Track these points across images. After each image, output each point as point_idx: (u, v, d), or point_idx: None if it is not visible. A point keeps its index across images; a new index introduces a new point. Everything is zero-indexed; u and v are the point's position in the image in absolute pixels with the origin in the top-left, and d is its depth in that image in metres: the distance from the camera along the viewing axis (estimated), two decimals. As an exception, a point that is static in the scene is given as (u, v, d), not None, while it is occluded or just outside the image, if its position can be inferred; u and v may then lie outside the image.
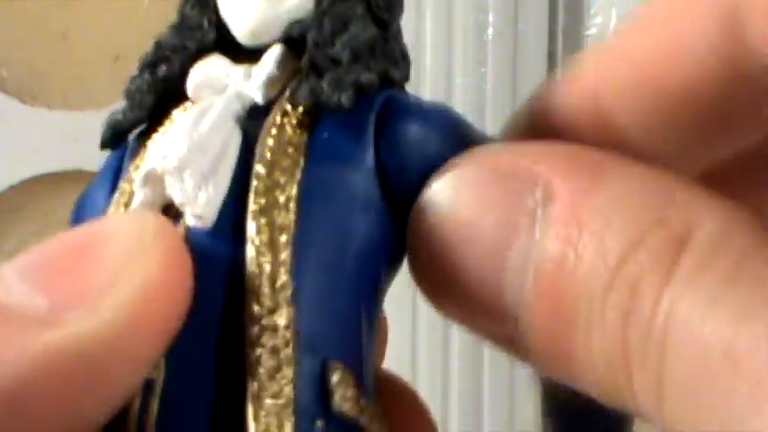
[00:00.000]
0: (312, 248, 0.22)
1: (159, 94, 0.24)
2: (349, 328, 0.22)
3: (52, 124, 0.58)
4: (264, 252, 0.22)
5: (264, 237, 0.22)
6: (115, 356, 0.19)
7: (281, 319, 0.21)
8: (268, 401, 0.21)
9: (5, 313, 0.19)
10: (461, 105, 0.57)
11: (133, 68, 0.26)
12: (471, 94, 0.57)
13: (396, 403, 0.26)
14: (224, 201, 0.22)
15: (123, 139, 0.24)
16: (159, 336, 0.20)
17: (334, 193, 0.23)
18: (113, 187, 0.24)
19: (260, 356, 0.21)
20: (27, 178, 0.59)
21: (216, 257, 0.22)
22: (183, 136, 0.22)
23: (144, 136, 0.24)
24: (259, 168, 0.22)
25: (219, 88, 0.24)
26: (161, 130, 0.24)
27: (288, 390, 0.21)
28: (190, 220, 0.21)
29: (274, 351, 0.21)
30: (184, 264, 0.21)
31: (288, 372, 0.21)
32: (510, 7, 0.57)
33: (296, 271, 0.22)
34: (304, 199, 0.22)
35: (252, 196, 0.22)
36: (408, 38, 0.25)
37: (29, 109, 0.59)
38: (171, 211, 0.22)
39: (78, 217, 0.25)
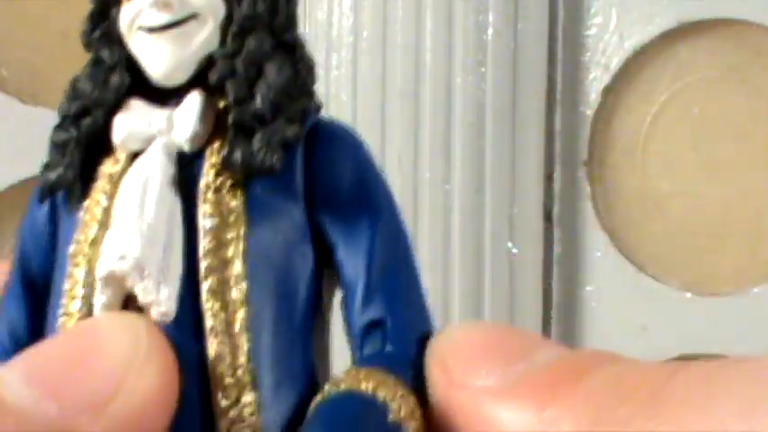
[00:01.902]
0: (265, 325, 0.24)
1: (85, 148, 0.26)
2: (308, 392, 0.24)
3: (52, 124, 0.58)
4: (225, 343, 0.23)
5: (222, 327, 0.23)
6: None
7: (247, 408, 0.23)
8: None
9: (19, 415, 0.21)
10: (461, 105, 0.57)
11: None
12: (471, 94, 0.57)
13: None
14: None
15: (56, 192, 0.26)
16: None
17: (278, 251, 0.24)
18: (53, 228, 0.26)
19: None
20: (27, 178, 0.59)
21: (184, 352, 0.23)
22: (133, 231, 0.23)
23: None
24: (205, 246, 0.24)
25: (144, 137, 0.25)
26: (96, 190, 0.25)
27: None
28: (155, 316, 0.23)
29: None
30: (175, 374, 0.23)
31: None
32: (510, 7, 0.57)
33: (253, 352, 0.23)
34: (251, 268, 0.24)
35: (203, 281, 0.23)
36: (408, 38, 0.25)
37: (29, 109, 0.59)
38: (132, 307, 0.24)
39: (24, 253, 0.27)
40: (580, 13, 0.59)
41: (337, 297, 0.26)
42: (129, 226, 0.23)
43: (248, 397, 0.23)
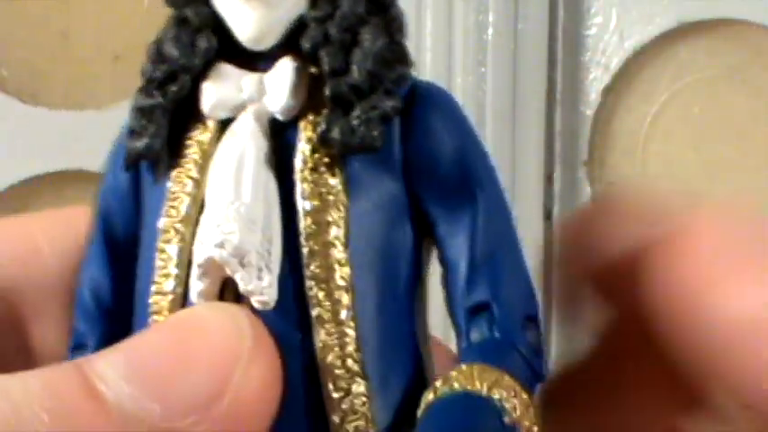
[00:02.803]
0: (370, 310, 0.23)
1: (172, 115, 0.24)
2: (414, 377, 0.23)
3: (52, 124, 0.58)
4: (332, 332, 0.22)
5: (328, 316, 0.22)
6: None
7: (359, 399, 0.22)
8: None
9: (120, 417, 0.20)
10: (461, 105, 0.57)
11: (134, 68, 0.26)
12: (471, 94, 0.57)
13: None
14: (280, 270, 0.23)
15: (142, 161, 0.25)
16: (260, 431, 0.21)
17: (379, 230, 0.23)
18: (137, 194, 0.25)
19: None
20: (27, 178, 0.59)
21: (288, 341, 0.22)
22: (231, 215, 0.22)
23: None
24: (305, 229, 0.23)
25: (234, 105, 0.24)
26: (186, 158, 0.24)
27: None
28: (256, 305, 0.22)
29: (357, 431, 0.22)
30: (279, 370, 0.22)
31: None
32: (510, 7, 0.57)
33: (362, 343, 0.22)
34: (354, 251, 0.23)
35: (305, 268, 0.23)
36: (408, 38, 0.25)
37: (29, 109, 0.59)
38: (229, 291, 0.23)
39: (107, 215, 0.26)
40: (580, 13, 0.59)
41: (435, 271, 0.25)
42: (227, 208, 0.22)
43: (359, 387, 0.22)
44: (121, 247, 0.26)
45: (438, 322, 0.25)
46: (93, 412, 0.20)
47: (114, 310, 0.25)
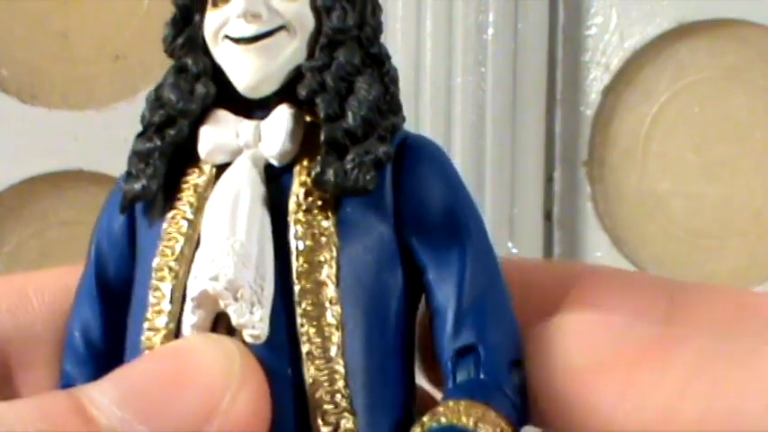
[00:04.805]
0: (360, 348, 0.23)
1: (169, 159, 0.25)
2: (401, 415, 0.24)
3: (52, 124, 0.58)
4: (321, 368, 0.23)
5: (318, 352, 0.23)
6: None
7: None
8: None
9: None
10: (461, 105, 0.57)
11: (134, 68, 0.26)
12: (471, 94, 0.57)
13: None
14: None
15: (138, 203, 0.25)
16: None
17: (369, 272, 0.24)
18: (131, 235, 0.26)
19: None
20: (27, 178, 0.59)
21: (278, 375, 0.23)
22: (225, 250, 0.23)
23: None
24: (298, 268, 0.23)
25: (230, 149, 0.25)
26: (182, 198, 0.24)
27: None
28: (248, 338, 0.23)
29: None
30: (267, 399, 0.22)
31: None
32: (510, 7, 0.57)
33: (351, 379, 0.23)
34: (344, 291, 0.23)
35: (297, 305, 0.23)
36: (408, 38, 0.25)
37: (29, 109, 0.59)
38: (222, 326, 0.23)
39: (100, 257, 0.26)
40: (580, 13, 0.59)
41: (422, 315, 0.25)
42: (221, 244, 0.23)
43: (348, 422, 0.23)
44: (113, 290, 0.26)
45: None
46: None
47: (104, 352, 0.26)
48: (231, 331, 0.23)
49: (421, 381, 0.26)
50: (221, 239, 0.23)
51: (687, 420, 0.20)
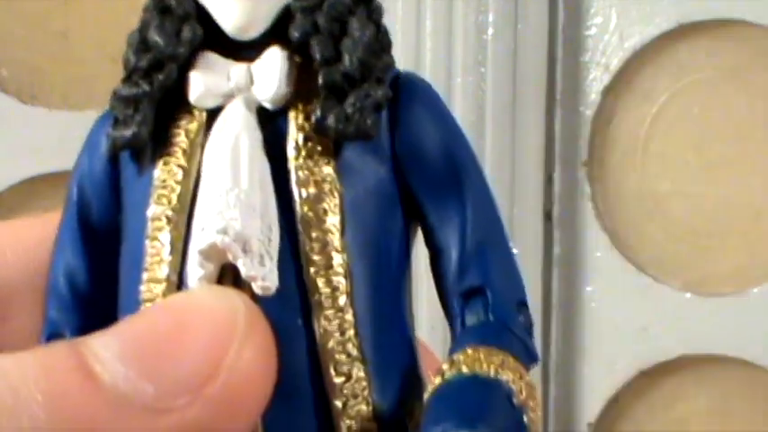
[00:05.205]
0: (367, 295, 0.23)
1: (158, 104, 0.24)
2: (409, 359, 0.24)
3: (52, 124, 0.58)
4: (331, 318, 0.23)
5: (328, 302, 0.23)
6: None
7: (359, 383, 0.23)
8: None
9: (112, 397, 0.20)
10: (461, 105, 0.57)
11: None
12: (471, 94, 0.57)
13: None
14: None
15: (127, 149, 0.25)
16: (252, 414, 0.22)
17: (372, 217, 0.24)
18: (114, 180, 0.25)
19: (350, 426, 0.23)
20: (27, 178, 0.59)
21: (288, 327, 0.23)
22: (231, 202, 0.22)
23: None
24: (303, 216, 0.23)
25: (221, 93, 0.24)
26: (175, 146, 0.24)
27: None
28: (258, 290, 0.22)
29: (359, 415, 0.23)
30: (273, 353, 0.22)
31: (372, 426, 0.23)
32: (510, 7, 0.57)
33: (360, 328, 0.23)
34: (350, 238, 0.23)
35: (304, 255, 0.23)
36: (408, 38, 0.25)
37: (29, 109, 0.59)
38: (227, 278, 0.23)
39: (82, 201, 0.26)
40: (580, 13, 0.59)
41: (421, 255, 0.25)
42: (226, 195, 0.22)
43: (360, 371, 0.23)
44: (97, 234, 0.25)
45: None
46: (89, 392, 0.20)
47: (90, 298, 0.25)
48: (237, 283, 0.22)
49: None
50: (224, 191, 0.22)
51: None
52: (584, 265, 0.60)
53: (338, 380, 0.23)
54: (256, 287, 0.22)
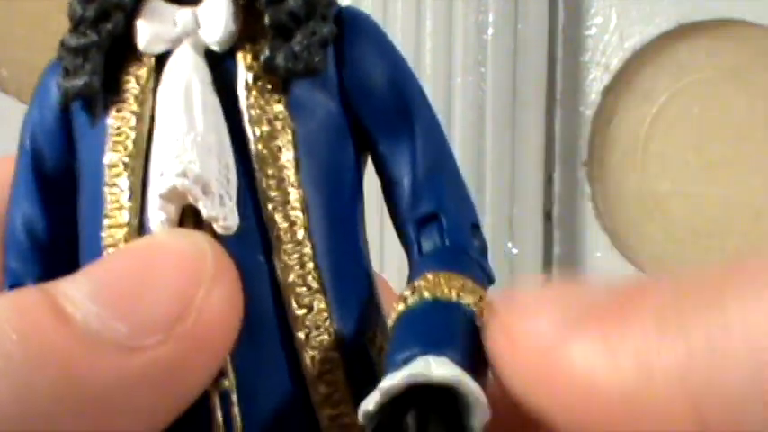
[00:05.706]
0: (323, 227, 0.24)
1: (106, 52, 0.25)
2: (367, 288, 0.24)
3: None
4: (290, 252, 0.23)
5: (287, 237, 0.23)
6: (184, 375, 0.21)
7: (321, 314, 0.23)
8: (325, 390, 0.23)
9: (85, 335, 0.21)
10: (461, 105, 0.57)
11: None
12: (471, 94, 0.57)
13: None
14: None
15: (79, 99, 0.25)
16: (221, 352, 0.22)
17: (324, 151, 0.24)
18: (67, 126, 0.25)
19: (314, 357, 0.23)
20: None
21: (250, 264, 0.23)
22: (188, 144, 0.23)
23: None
24: (258, 154, 0.23)
25: (169, 38, 0.24)
26: (127, 92, 0.24)
27: (340, 375, 0.23)
28: (219, 230, 0.23)
29: (322, 345, 0.23)
30: (240, 292, 0.22)
31: (335, 356, 0.23)
32: (510, 7, 0.57)
33: (319, 260, 0.23)
34: (304, 173, 0.24)
35: (261, 192, 0.23)
36: (408, 38, 0.25)
37: (29, 109, 0.59)
38: (188, 221, 0.23)
39: (35, 150, 0.26)
40: (580, 13, 0.59)
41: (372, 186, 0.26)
42: (183, 139, 0.23)
43: (320, 303, 0.23)
44: (52, 184, 0.26)
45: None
46: (62, 331, 0.20)
47: (50, 248, 0.25)
48: (198, 224, 0.23)
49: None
50: (180, 134, 0.23)
51: (667, 366, 0.20)
52: (584, 265, 0.60)
53: (300, 312, 0.23)
54: (218, 227, 0.23)
